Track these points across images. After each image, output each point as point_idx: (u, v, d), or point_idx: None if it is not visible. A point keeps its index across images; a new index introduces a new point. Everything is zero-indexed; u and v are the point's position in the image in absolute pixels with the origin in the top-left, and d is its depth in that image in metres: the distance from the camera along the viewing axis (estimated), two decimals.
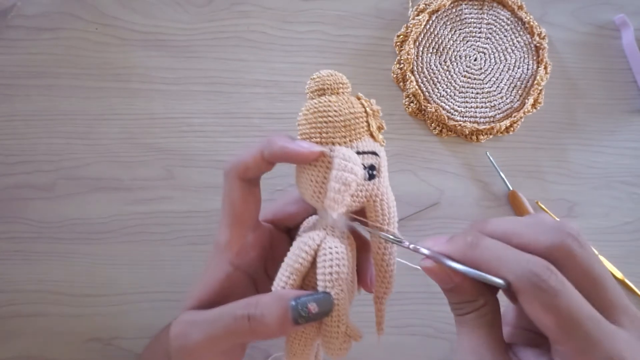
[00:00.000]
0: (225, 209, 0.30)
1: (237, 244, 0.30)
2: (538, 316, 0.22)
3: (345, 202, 0.27)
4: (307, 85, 0.30)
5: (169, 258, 0.48)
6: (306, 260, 0.28)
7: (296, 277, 0.28)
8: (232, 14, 0.51)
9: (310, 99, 0.30)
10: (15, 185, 0.48)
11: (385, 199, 0.29)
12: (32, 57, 0.50)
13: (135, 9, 0.51)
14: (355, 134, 0.29)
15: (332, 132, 0.28)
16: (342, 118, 0.28)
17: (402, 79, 0.51)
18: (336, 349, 0.28)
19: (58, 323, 0.46)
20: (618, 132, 0.52)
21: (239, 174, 0.29)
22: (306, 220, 0.32)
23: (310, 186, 0.28)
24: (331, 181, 0.27)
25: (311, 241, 0.28)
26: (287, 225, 0.34)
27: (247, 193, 0.29)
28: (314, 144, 0.28)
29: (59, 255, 0.47)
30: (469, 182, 0.51)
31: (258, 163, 0.28)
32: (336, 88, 0.29)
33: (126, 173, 0.49)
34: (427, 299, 0.48)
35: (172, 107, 0.50)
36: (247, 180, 0.29)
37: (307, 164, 0.28)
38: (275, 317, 0.26)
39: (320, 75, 0.29)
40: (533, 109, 0.51)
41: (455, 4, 0.52)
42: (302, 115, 0.29)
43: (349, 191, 0.27)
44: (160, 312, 0.41)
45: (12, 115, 0.49)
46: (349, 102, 0.29)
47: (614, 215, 0.51)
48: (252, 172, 0.29)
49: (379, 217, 0.29)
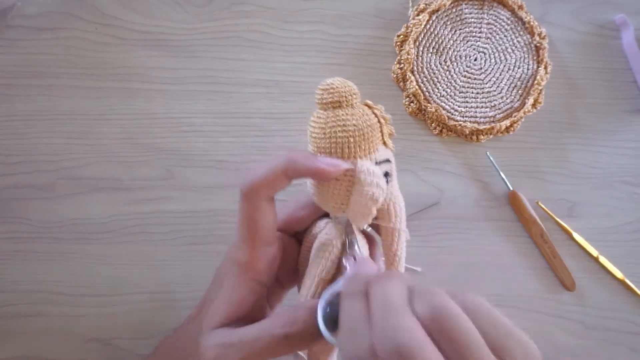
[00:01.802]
0: (245, 229, 0.29)
1: (260, 262, 0.30)
2: None
3: (373, 214, 0.29)
4: (319, 96, 0.29)
5: (169, 258, 0.48)
6: (332, 269, 0.30)
7: (323, 286, 0.30)
8: (232, 13, 0.51)
9: (324, 110, 0.29)
10: (15, 185, 0.48)
11: (398, 201, 0.31)
12: (32, 57, 0.50)
13: (135, 9, 0.51)
14: (373, 146, 0.29)
15: (353, 147, 0.28)
16: (362, 132, 0.28)
17: (402, 79, 0.51)
18: None
19: (58, 323, 0.46)
20: (618, 132, 0.52)
21: (262, 195, 0.28)
22: (317, 225, 0.33)
23: (332, 199, 0.29)
24: (359, 197, 0.28)
25: (335, 249, 0.30)
26: (296, 230, 0.34)
27: (268, 213, 0.29)
28: (339, 161, 0.28)
29: (59, 255, 0.47)
30: (469, 182, 0.51)
31: (281, 182, 0.28)
32: (350, 100, 0.29)
33: (126, 173, 0.49)
34: None
35: (172, 107, 0.50)
36: (269, 199, 0.29)
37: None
38: (312, 330, 0.27)
39: (334, 86, 0.29)
40: (533, 109, 0.51)
41: (455, 4, 0.52)
42: (319, 128, 0.29)
43: (377, 205, 0.28)
44: (160, 312, 0.41)
45: (12, 115, 0.49)
46: (365, 114, 0.29)
47: (615, 215, 0.51)
48: (275, 191, 0.29)
49: (392, 218, 0.30)
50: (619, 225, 0.51)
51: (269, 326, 0.28)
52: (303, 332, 0.27)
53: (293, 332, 0.27)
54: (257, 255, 0.30)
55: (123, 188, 0.48)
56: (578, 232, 0.50)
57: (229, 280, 0.31)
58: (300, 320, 0.27)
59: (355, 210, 0.28)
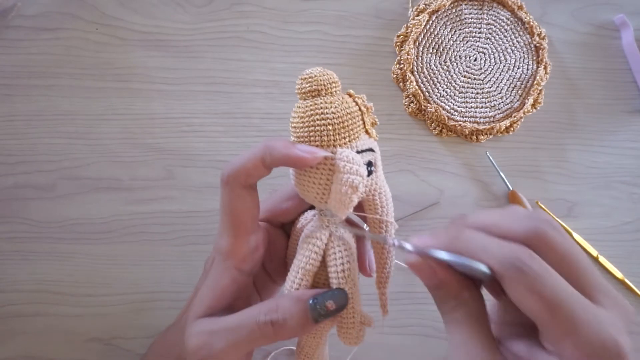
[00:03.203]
0: (227, 217, 0.30)
1: (242, 250, 0.30)
2: (523, 300, 0.22)
3: (353, 203, 0.28)
4: (299, 86, 0.29)
5: (169, 258, 0.48)
6: (317, 260, 0.29)
7: (309, 278, 0.29)
8: (232, 14, 0.51)
9: (304, 100, 0.29)
10: (15, 185, 0.48)
11: (383, 192, 0.30)
12: (32, 57, 0.50)
13: (136, 9, 0.51)
14: (353, 134, 0.29)
15: (332, 134, 0.28)
16: (341, 120, 0.28)
17: (402, 79, 0.51)
18: (354, 338, 0.30)
19: (58, 323, 0.46)
20: (618, 132, 0.52)
21: (241, 182, 0.28)
22: (303, 217, 0.33)
23: (313, 188, 0.29)
24: (339, 185, 0.27)
25: (319, 242, 0.29)
26: (282, 222, 0.34)
27: (248, 200, 0.29)
28: (317, 148, 0.28)
29: (59, 255, 0.47)
30: (469, 182, 0.51)
31: (259, 169, 0.28)
32: (330, 88, 0.29)
33: (126, 173, 0.49)
34: (427, 299, 0.48)
35: (172, 107, 0.50)
36: (248, 186, 0.29)
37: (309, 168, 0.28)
38: (296, 319, 0.27)
39: (313, 75, 0.29)
40: (533, 109, 0.51)
41: (455, 4, 0.52)
42: (298, 117, 0.29)
43: (357, 193, 0.28)
44: (160, 312, 0.41)
45: (12, 115, 0.49)
46: (345, 102, 0.29)
47: (614, 215, 0.51)
48: (253, 178, 0.29)
49: (377, 210, 0.30)
50: (619, 225, 0.51)
51: (254, 313, 0.28)
52: (288, 319, 0.27)
53: (279, 318, 0.27)
54: (238, 243, 0.30)
55: (123, 188, 0.48)
56: (577, 232, 0.50)
57: (212, 270, 0.31)
58: (285, 307, 0.27)
59: (336, 199, 0.28)
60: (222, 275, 0.30)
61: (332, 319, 0.30)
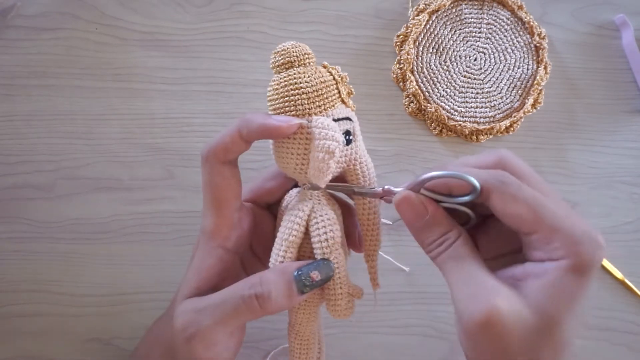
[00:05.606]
0: (208, 195, 0.30)
1: (225, 227, 0.30)
2: (510, 207, 0.25)
3: (331, 169, 0.28)
4: (272, 60, 0.30)
5: (169, 258, 0.48)
6: (299, 232, 0.29)
7: (293, 250, 0.29)
8: (232, 14, 0.51)
9: (278, 73, 0.30)
10: (15, 185, 0.48)
11: (364, 161, 0.31)
12: (32, 57, 0.50)
13: (136, 9, 0.51)
14: (328, 103, 0.29)
15: (306, 103, 0.28)
16: (314, 88, 0.28)
17: (402, 79, 0.51)
18: (342, 310, 0.30)
19: (58, 323, 0.46)
20: (618, 132, 0.52)
21: (220, 157, 0.29)
22: (288, 195, 0.33)
23: (292, 160, 0.29)
24: (315, 151, 0.28)
25: (301, 212, 0.29)
26: (268, 202, 0.34)
27: (229, 176, 0.29)
28: (292, 117, 0.28)
29: (59, 255, 0.47)
30: None
31: (237, 143, 0.28)
32: (302, 59, 0.29)
33: (126, 173, 0.49)
34: (426, 299, 0.48)
35: (172, 107, 0.50)
36: (228, 162, 0.29)
37: (286, 138, 0.29)
38: (281, 291, 0.27)
39: (286, 47, 0.29)
40: (533, 109, 0.51)
41: (455, 4, 0.52)
42: (273, 90, 0.30)
43: (334, 158, 0.28)
44: (160, 312, 0.41)
45: (12, 115, 0.49)
46: (318, 71, 0.29)
47: (614, 215, 0.51)
48: (232, 153, 0.29)
49: (359, 179, 0.30)
50: (619, 225, 0.51)
51: (238, 288, 0.28)
52: (273, 291, 0.27)
53: (263, 292, 0.27)
54: (221, 221, 0.30)
55: (123, 188, 0.48)
56: None
57: (198, 251, 0.31)
58: (269, 280, 0.27)
59: (314, 167, 0.28)
60: (208, 255, 0.30)
61: (320, 293, 0.30)
